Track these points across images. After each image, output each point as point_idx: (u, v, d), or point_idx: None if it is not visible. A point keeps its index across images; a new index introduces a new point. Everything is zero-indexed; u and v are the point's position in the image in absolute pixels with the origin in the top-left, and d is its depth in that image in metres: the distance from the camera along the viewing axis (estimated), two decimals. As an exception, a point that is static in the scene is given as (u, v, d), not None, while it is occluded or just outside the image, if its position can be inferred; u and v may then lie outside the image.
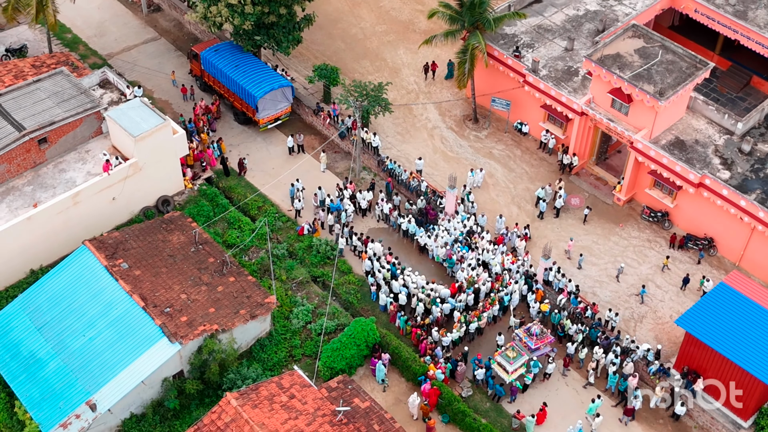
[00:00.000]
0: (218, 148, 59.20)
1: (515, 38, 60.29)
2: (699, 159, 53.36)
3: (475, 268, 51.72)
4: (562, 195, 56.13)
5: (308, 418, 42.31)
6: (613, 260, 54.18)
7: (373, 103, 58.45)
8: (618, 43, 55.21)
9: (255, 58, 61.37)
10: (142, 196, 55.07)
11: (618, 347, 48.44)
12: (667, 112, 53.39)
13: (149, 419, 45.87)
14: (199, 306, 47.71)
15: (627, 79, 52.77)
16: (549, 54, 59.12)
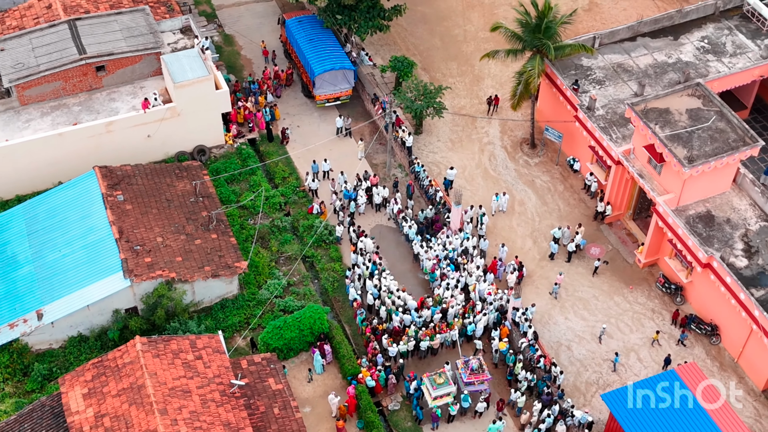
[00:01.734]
0: (271, 113, 60.88)
1: (588, 71, 57.81)
2: (721, 239, 49.37)
3: (451, 289, 50.58)
4: (579, 241, 53.61)
5: (203, 381, 43.46)
6: (606, 320, 51.35)
7: (426, 104, 58.09)
8: (673, 99, 51.80)
9: (332, 36, 62.39)
10: (179, 141, 57.74)
11: (557, 406, 46.15)
12: (700, 181, 49.67)
13: (91, 343, 48.66)
14: (169, 252, 49.81)
15: (660, 136, 49.56)
16: (615, 95, 56.28)
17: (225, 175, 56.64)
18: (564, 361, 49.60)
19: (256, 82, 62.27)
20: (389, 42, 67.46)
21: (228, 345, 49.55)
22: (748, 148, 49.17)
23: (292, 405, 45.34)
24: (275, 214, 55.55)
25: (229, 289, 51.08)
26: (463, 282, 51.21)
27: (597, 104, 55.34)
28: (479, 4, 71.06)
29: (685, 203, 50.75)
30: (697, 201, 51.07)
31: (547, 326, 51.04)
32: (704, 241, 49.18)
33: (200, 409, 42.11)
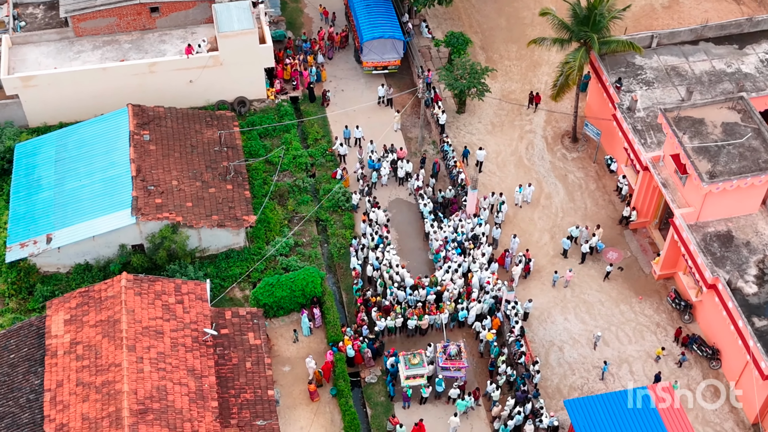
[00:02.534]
0: (318, 74, 61.20)
1: (638, 71, 55.84)
2: (735, 262, 47.29)
3: (451, 273, 50.15)
4: (595, 243, 52.24)
5: (178, 325, 44.55)
6: (607, 327, 50.02)
7: (469, 84, 57.38)
8: (711, 109, 49.67)
9: (389, 4, 62.00)
10: (221, 90, 58.79)
11: (530, 405, 45.46)
12: (723, 198, 47.58)
13: (94, 272, 50.42)
14: (181, 196, 50.97)
15: (686, 147, 47.66)
16: (661, 98, 54.24)
17: (258, 128, 57.32)
18: (552, 362, 48.63)
19: (309, 41, 62.54)
20: (453, 16, 66.65)
21: (226, 295, 50.50)
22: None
23: (265, 361, 45.97)
24: (300, 173, 55.96)
25: (236, 240, 51.92)
26: (465, 267, 50.52)
27: (639, 105, 53.44)
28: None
29: (706, 219, 48.72)
30: (719, 219, 48.93)
31: (544, 324, 50.07)
32: (716, 261, 47.19)
33: (169, 352, 43.16)
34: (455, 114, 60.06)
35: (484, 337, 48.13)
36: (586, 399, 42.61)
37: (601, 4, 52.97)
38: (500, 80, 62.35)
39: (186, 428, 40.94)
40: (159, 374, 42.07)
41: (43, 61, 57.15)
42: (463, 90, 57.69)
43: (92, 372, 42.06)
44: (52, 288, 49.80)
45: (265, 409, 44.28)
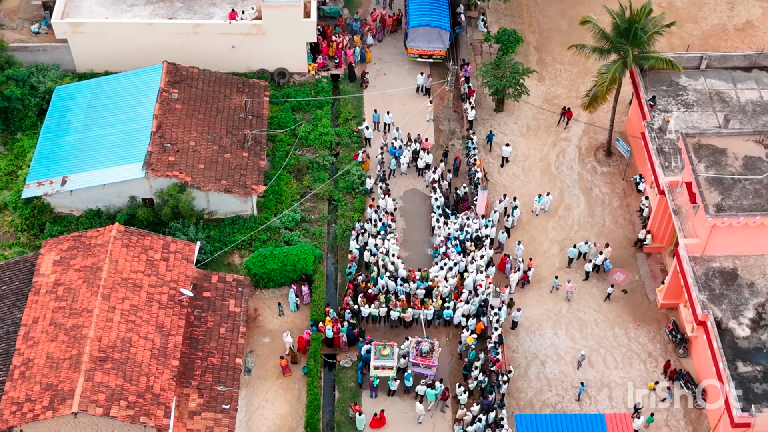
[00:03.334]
0: (362, 55, 61.23)
1: (680, 91, 53.83)
2: (732, 301, 45.39)
3: (445, 270, 49.69)
4: (601, 261, 50.89)
5: (157, 281, 45.62)
6: (596, 349, 48.77)
7: (507, 83, 56.48)
8: (736, 141, 47.66)
9: (445, -7, 61.40)
10: (262, 59, 59.53)
11: (493, 414, 44.86)
12: (732, 234, 45.64)
13: (103, 219, 51.95)
14: (195, 157, 51.95)
15: (698, 175, 45.85)
16: (697, 123, 52.19)
17: (291, 101, 57.76)
18: (531, 375, 47.73)
19: (361, 21, 62.51)
20: (515, 13, 65.52)
21: (225, 260, 51.32)
22: (791, 215, 44.38)
23: (240, 329, 46.64)
24: (323, 151, 56.21)
25: (244, 208, 52.61)
26: (462, 267, 49.94)
27: (671, 127, 51.51)
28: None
29: (712, 253, 46.79)
30: (727, 255, 46.87)
31: (532, 336, 49.14)
32: (713, 297, 45.35)
33: (142, 306, 44.25)
34: (492, 112, 59.14)
35: (465, 339, 47.46)
36: (537, 416, 41.73)
37: (644, 17, 51.01)
38: (547, 83, 61.09)
39: (141, 382, 41.91)
40: (127, 326, 43.16)
41: (97, 9, 58.84)
42: (500, 88, 56.66)
43: (66, 314, 43.47)
44: (62, 228, 51.48)
45: (230, 375, 44.92)
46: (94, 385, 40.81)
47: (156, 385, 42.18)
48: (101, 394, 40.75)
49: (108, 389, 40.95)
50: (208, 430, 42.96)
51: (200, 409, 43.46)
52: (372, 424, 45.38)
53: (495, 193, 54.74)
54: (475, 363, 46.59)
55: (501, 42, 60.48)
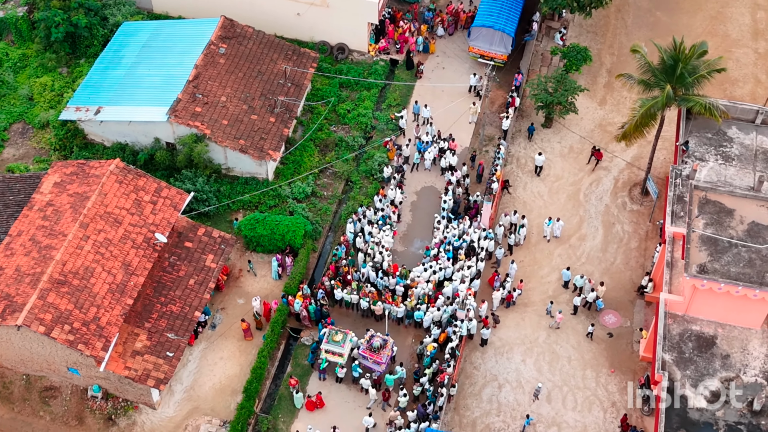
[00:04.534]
0: (426, 45, 60.86)
1: (724, 142, 50.74)
2: (698, 370, 42.90)
3: (429, 273, 49.17)
4: (592, 298, 49.06)
5: (138, 221, 47.23)
6: (560, 385, 47.16)
7: (555, 98, 54.96)
8: (749, 204, 44.78)
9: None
10: (325, 31, 60.26)
11: (426, 424, 44.34)
12: (717, 300, 43.00)
13: (126, 153, 54.16)
14: (221, 112, 53.24)
15: (692, 230, 43.46)
16: (731, 178, 49.12)
17: (339, 77, 58.14)
18: (484, 396, 46.71)
19: (433, 12, 62.01)
20: (599, 31, 63.35)
21: (228, 217, 52.52)
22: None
23: (209, 285, 47.74)
24: (357, 132, 56.38)
25: (259, 171, 53.57)
26: (448, 273, 49.23)
27: (698, 176, 48.72)
28: (724, 33, 63.59)
29: (695, 315, 44.27)
30: (711, 320, 44.20)
31: (499, 357, 48.01)
32: (679, 360, 43.00)
33: (115, 241, 46.01)
34: (540, 126, 57.53)
35: (426, 344, 46.89)
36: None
37: (694, 58, 48.30)
38: (607, 108, 58.90)
39: (90, 312, 43.68)
40: (95, 257, 44.98)
41: (181, -44, 60.82)
42: (547, 103, 55.07)
43: (45, 233, 45.73)
44: (88, 155, 54.01)
45: (183, 326, 46.14)
46: (44, 304, 42.80)
47: (103, 318, 43.81)
48: (48, 315, 42.70)
49: (56, 311, 42.87)
50: (146, 372, 44.24)
51: (144, 350, 44.83)
52: (308, 405, 45.52)
53: (511, 207, 53.36)
54: (426, 370, 45.89)
55: (567, 57, 58.66)
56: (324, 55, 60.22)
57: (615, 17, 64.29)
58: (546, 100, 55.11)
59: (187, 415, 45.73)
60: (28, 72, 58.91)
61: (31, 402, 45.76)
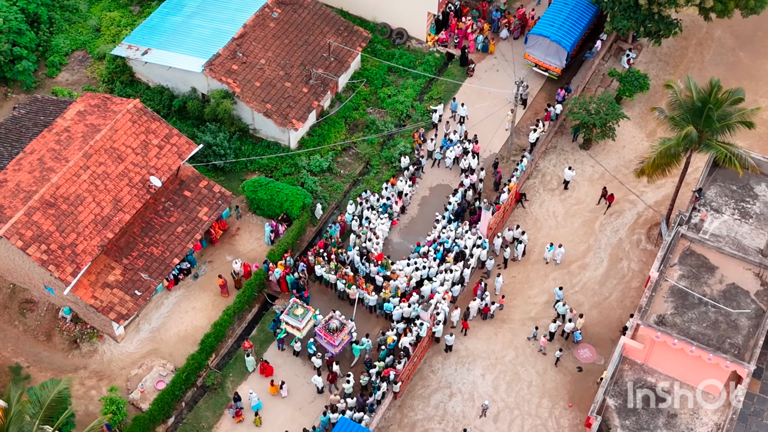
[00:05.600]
0: (485, 45, 60.14)
1: (746, 196, 48.21)
2: (639, 422, 41.37)
3: (412, 269, 49.00)
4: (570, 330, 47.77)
5: (141, 161, 48.86)
6: (511, 408, 46.22)
7: (594, 120, 53.40)
8: (734, 264, 42.71)
9: (589, 12, 58.06)
10: (387, 14, 60.53)
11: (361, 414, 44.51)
12: (675, 356, 41.36)
13: (164, 98, 56.04)
14: (256, 74, 54.33)
15: (662, 278, 41.72)
16: (741, 235, 46.64)
17: (383, 62, 58.23)
18: (432, 401, 46.34)
19: (501, 12, 61.09)
20: (672, 62, 60.86)
21: (240, 177, 53.61)
22: (730, 361, 39.15)
23: (195, 237, 49.12)
24: (390, 117, 56.43)
25: (282, 137, 54.46)
26: (432, 273, 48.90)
27: (706, 227, 46.54)
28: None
29: (654, 366, 42.65)
30: (669, 375, 42.37)
31: (460, 366, 47.45)
32: (622, 409, 41.52)
33: (113, 176, 47.93)
34: (578, 148, 55.98)
35: (386, 337, 46.83)
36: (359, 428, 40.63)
37: (727, 104, 45.90)
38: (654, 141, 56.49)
39: (70, 237, 45.74)
40: (88, 186, 47.01)
41: None
42: (584, 123, 53.51)
43: (52, 156, 48.09)
44: (131, 92, 56.25)
45: (159, 270, 47.70)
46: (29, 221, 45.10)
47: (80, 246, 45.75)
48: (30, 232, 44.98)
49: (38, 230, 45.09)
50: (110, 304, 46.02)
51: (115, 284, 46.60)
52: (260, 370, 46.26)
53: (521, 221, 52.36)
54: (379, 363, 45.86)
55: (623, 82, 56.67)
56: (383, 37, 60.30)
57: (693, 50, 61.51)
58: (584, 120, 53.49)
59: (145, 354, 47.26)
60: (102, 5, 61.49)
61: (11, 311, 48.25)
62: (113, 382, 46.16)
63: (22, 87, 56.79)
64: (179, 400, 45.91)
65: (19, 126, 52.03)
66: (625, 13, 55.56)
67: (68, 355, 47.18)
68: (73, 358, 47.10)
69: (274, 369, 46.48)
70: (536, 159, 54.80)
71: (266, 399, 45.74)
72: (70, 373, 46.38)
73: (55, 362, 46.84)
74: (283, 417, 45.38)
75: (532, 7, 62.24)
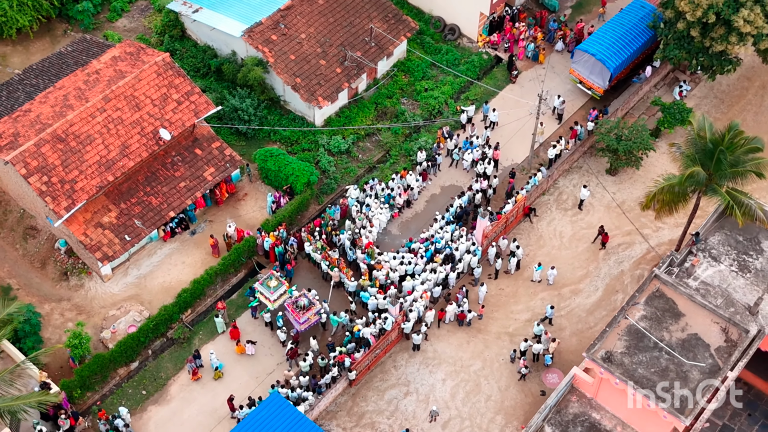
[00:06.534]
0: (535, 54, 59.25)
1: (751, 250, 46.19)
2: (571, 456, 40.41)
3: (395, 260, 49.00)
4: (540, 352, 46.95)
5: (157, 113, 50.24)
6: (465, 417, 45.79)
7: (622, 146, 52.00)
8: (702, 314, 41.06)
9: (643, 36, 56.31)
10: (443, 8, 60.72)
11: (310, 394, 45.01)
12: (619, 397, 40.24)
13: (206, 56, 57.28)
14: (293, 48, 55.08)
15: (623, 316, 40.53)
16: (735, 288, 44.74)
17: (424, 56, 58.07)
18: (386, 396, 46.39)
19: (559, 24, 59.96)
20: (728, 101, 58.42)
21: (261, 145, 54.60)
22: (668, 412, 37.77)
23: (194, 194, 50.38)
24: (421, 111, 56.34)
25: (309, 113, 55.12)
26: (417, 270, 48.81)
27: (697, 273, 44.90)
28: None
29: (602, 403, 41.50)
30: (616, 415, 41.19)
31: (423, 367, 47.25)
32: (555, 440, 40.57)
33: (126, 122, 49.65)
34: (604, 173, 54.59)
35: (354, 324, 47.05)
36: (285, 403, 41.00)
37: (740, 152, 44.02)
38: (665, 175, 54.64)
39: (72, 173, 47.70)
40: (100, 128, 48.87)
41: None
42: (609, 146, 52.15)
43: (77, 95, 50.16)
44: (177, 47, 57.92)
45: (153, 220, 49.25)
46: (36, 151, 47.24)
47: (80, 183, 47.61)
48: (35, 162, 47.12)
49: (43, 162, 47.18)
50: (98, 244, 47.76)
51: (108, 226, 48.32)
52: (231, 333, 47.17)
53: (524, 235, 51.60)
54: (340, 348, 46.14)
55: (665, 112, 54.91)
56: (436, 30, 60.09)
57: (754, 93, 58.92)
58: (609, 144, 52.07)
59: (127, 298, 48.84)
60: (179, -43, 63.17)
61: (15, 234, 50.65)
62: (90, 319, 47.88)
63: (80, 26, 59.06)
64: (146, 347, 47.16)
65: (61, 62, 54.25)
66: (679, 43, 53.71)
67: (57, 285, 49.14)
68: (60, 289, 49.00)
69: (242, 335, 47.13)
70: (555, 176, 53.60)
71: (229, 360, 46.49)
72: (53, 303, 48.31)
73: (43, 290, 48.87)
74: (238, 382, 46.15)
75: (592, 23, 60.60)
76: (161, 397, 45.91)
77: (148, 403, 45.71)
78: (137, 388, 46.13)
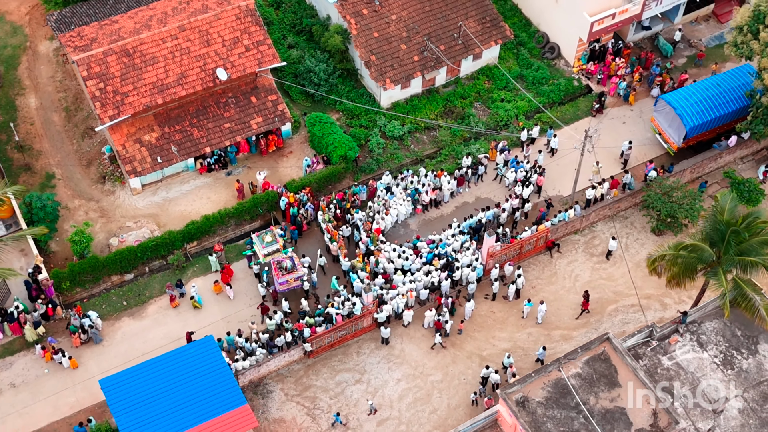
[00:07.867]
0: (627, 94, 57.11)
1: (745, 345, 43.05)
2: (463, 488, 39.75)
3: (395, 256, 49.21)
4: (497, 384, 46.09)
5: (223, 53, 52.41)
6: (403, 423, 45.67)
7: (667, 208, 49.77)
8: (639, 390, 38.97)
9: (737, 102, 53.10)
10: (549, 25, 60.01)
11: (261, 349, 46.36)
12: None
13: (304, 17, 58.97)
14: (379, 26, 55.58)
15: (550, 367, 39.28)
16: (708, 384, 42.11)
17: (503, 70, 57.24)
18: (338, 377, 46.82)
19: (662, 70, 57.42)
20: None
21: (325, 110, 55.81)
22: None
23: (235, 138, 52.67)
24: (487, 119, 55.74)
25: (377, 92, 55.85)
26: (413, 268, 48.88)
27: (674, 350, 42.62)
28: None
29: (515, 449, 40.33)
30: (524, 464, 39.99)
31: (385, 361, 47.34)
32: (456, 467, 39.96)
33: (192, 55, 52.50)
34: (648, 231, 52.20)
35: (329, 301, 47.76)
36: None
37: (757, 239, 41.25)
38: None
39: (126, 87, 51.35)
40: (166, 53, 51.92)
41: None
42: (653, 205, 49.91)
43: (160, 18, 53.57)
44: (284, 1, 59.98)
45: (188, 149, 51.91)
46: (102, 59, 51.14)
47: (130, 98, 50.82)
48: (97, 68, 51.04)
49: (105, 69, 50.95)
50: (131, 157, 50.87)
51: (147, 144, 51.31)
52: (223, 276, 48.98)
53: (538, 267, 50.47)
54: (308, 317, 47.02)
55: (733, 186, 51.83)
56: (537, 45, 59.07)
57: None
58: (655, 201, 49.74)
59: (147, 215, 51.69)
60: None
61: (77, 130, 54.61)
62: (108, 225, 51.04)
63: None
64: (144, 264, 49.71)
65: (170, -15, 57.25)
66: (765, 118, 50.28)
67: (93, 186, 52.61)
68: (94, 190, 52.43)
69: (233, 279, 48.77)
70: (594, 218, 51.72)
71: (209, 298, 48.38)
72: (83, 200, 51.78)
73: (80, 186, 52.47)
74: (209, 320, 47.94)
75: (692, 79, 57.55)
76: (138, 312, 48.34)
77: (124, 314, 48.26)
78: (121, 298, 48.78)
